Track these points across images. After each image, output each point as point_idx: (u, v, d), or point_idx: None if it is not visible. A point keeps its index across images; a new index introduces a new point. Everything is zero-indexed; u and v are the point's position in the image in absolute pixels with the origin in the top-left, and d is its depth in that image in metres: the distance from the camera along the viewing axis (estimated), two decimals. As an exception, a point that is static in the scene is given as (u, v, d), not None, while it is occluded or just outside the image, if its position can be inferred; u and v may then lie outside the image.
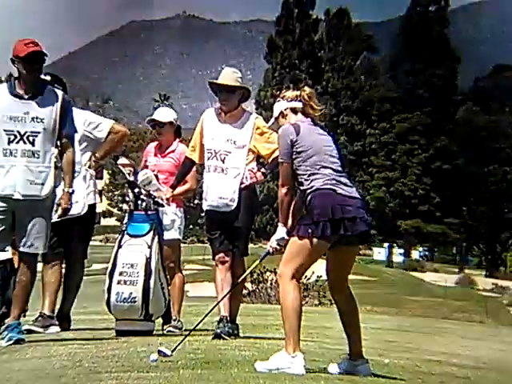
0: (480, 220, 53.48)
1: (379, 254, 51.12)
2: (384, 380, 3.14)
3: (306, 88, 3.53)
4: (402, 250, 53.21)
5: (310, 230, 3.13)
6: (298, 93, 3.49)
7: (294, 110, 3.47)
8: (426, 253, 56.52)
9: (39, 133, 4.06)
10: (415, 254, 54.11)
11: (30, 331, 4.55)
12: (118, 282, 4.53)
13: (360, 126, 55.35)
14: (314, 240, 3.14)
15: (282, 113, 3.48)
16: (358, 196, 3.28)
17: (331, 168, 3.27)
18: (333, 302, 3.42)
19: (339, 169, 3.31)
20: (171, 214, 5.08)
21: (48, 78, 4.79)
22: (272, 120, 3.59)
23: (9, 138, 4.03)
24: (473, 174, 52.64)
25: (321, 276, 13.21)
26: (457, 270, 49.53)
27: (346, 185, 3.26)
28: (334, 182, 3.23)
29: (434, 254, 58.29)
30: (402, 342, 5.67)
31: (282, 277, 3.18)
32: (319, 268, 4.11)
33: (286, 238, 3.33)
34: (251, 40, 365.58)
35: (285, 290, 3.15)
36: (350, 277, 3.36)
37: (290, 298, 3.12)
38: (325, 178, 3.22)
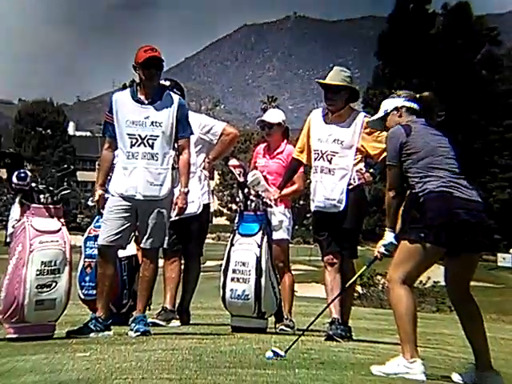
0: None
1: (504, 259, 47.32)
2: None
3: (426, 92, 3.38)
4: (530, 257, 49.07)
5: (422, 234, 3.00)
6: (415, 94, 3.34)
7: (409, 110, 3.30)
8: (560, 260, 51.44)
9: (158, 136, 4.25)
10: (546, 261, 49.65)
11: (154, 324, 4.78)
12: (232, 280, 4.68)
13: (481, 122, 51.86)
14: (427, 245, 3.00)
15: (396, 108, 3.29)
16: (480, 199, 3.09)
17: (447, 170, 3.10)
18: (452, 308, 3.31)
19: (456, 170, 3.13)
20: (279, 215, 5.13)
21: (167, 83, 5.00)
22: (379, 115, 3.38)
23: (131, 142, 4.26)
24: None
25: (438, 282, 12.41)
26: None
27: (465, 187, 3.08)
28: (452, 184, 3.06)
29: None
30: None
31: (391, 281, 3.09)
32: (436, 273, 3.93)
33: (395, 243, 3.22)
34: (361, 37, 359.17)
35: (396, 294, 3.05)
36: (472, 283, 3.19)
37: (402, 303, 3.02)
38: (440, 181, 3.07)
